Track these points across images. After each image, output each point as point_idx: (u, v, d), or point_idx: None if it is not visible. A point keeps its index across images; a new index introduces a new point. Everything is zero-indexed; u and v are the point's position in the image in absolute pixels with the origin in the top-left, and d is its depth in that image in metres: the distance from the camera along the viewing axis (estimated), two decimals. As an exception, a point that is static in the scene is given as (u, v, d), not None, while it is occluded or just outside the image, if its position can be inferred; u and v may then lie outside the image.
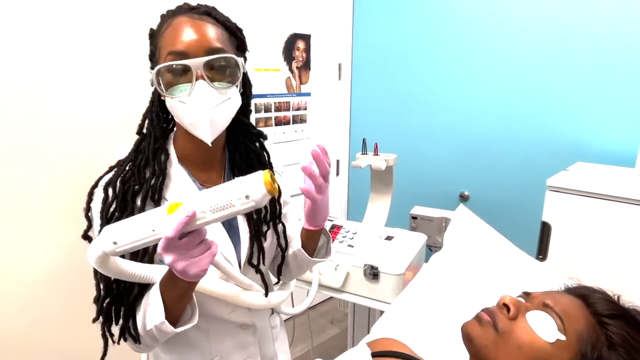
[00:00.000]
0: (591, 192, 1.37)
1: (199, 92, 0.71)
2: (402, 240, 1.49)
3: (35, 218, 1.47)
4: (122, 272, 0.65)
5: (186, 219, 0.54)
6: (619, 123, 1.74)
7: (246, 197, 0.56)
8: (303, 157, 0.92)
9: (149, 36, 0.80)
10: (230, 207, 0.56)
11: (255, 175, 0.57)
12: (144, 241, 0.57)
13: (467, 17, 2.07)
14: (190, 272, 0.58)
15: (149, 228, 0.57)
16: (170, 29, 0.73)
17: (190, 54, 0.71)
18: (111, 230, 0.58)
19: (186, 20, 0.73)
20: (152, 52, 0.79)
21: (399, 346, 0.80)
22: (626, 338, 0.62)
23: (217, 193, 0.57)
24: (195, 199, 0.57)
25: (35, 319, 1.52)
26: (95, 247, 0.58)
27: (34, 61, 1.40)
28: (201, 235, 0.59)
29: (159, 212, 0.58)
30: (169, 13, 0.77)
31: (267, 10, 2.16)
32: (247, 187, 0.56)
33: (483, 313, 0.68)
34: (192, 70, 0.71)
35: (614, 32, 1.70)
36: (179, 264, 0.57)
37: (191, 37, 0.71)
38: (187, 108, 0.72)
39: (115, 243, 0.57)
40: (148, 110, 0.82)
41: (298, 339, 2.27)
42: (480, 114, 2.10)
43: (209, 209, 0.56)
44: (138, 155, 0.79)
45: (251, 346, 0.93)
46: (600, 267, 1.36)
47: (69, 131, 1.50)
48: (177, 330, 0.69)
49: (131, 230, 0.57)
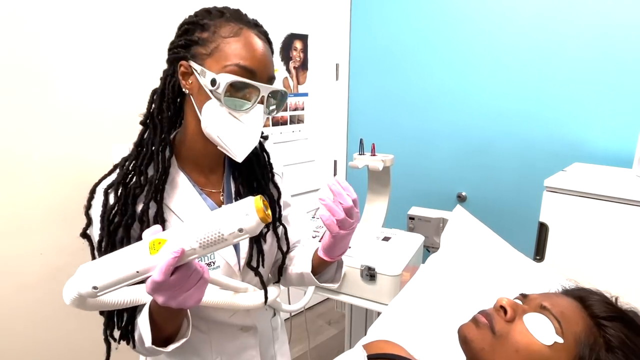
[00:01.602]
0: (588, 193, 1.36)
1: (256, 115, 0.73)
2: (399, 241, 1.48)
3: (31, 219, 1.45)
4: (104, 305, 0.63)
5: (174, 260, 0.50)
6: (616, 124, 1.74)
7: (239, 230, 0.51)
8: (300, 158, 0.91)
9: (189, 23, 0.75)
10: (221, 240, 0.52)
11: (246, 204, 0.52)
12: (127, 283, 0.53)
13: (465, 19, 2.07)
14: (186, 305, 0.56)
15: (132, 269, 0.52)
16: (241, 40, 0.73)
17: (257, 76, 0.72)
18: (89, 272, 0.53)
19: (255, 38, 0.74)
20: (194, 42, 0.73)
21: (395, 348, 0.80)
22: (624, 340, 0.61)
23: (206, 226, 0.52)
24: (182, 233, 0.52)
25: (31, 321, 1.50)
26: (72, 288, 0.55)
27: (29, 60, 1.39)
28: (190, 267, 0.54)
29: (141, 249, 0.52)
30: (228, 15, 0.75)
31: (264, 10, 2.16)
32: (238, 219, 0.51)
33: (480, 315, 0.68)
34: (259, 95, 0.72)
35: (611, 34, 1.70)
36: (172, 301, 0.54)
37: (261, 59, 0.73)
38: (235, 124, 0.72)
39: (95, 288, 0.52)
40: (158, 99, 0.77)
41: (295, 340, 2.27)
42: (478, 115, 2.10)
43: (197, 244, 0.51)
44: (141, 152, 0.76)
45: (252, 348, 0.92)
46: (597, 268, 1.36)
47: (65, 132, 1.49)
48: (168, 349, 0.68)
49: (111, 272, 0.52)
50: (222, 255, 0.81)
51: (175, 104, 0.78)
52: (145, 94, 0.81)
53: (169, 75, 0.76)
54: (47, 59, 1.42)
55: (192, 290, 0.55)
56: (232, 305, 0.80)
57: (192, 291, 0.55)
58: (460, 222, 1.33)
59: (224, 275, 0.82)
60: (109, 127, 1.59)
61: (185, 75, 0.75)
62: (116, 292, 0.62)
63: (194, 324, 0.86)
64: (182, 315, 0.69)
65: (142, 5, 1.61)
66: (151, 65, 1.63)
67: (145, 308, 0.67)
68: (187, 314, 0.71)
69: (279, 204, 0.92)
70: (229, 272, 0.83)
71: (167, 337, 0.69)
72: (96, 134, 1.56)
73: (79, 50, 1.49)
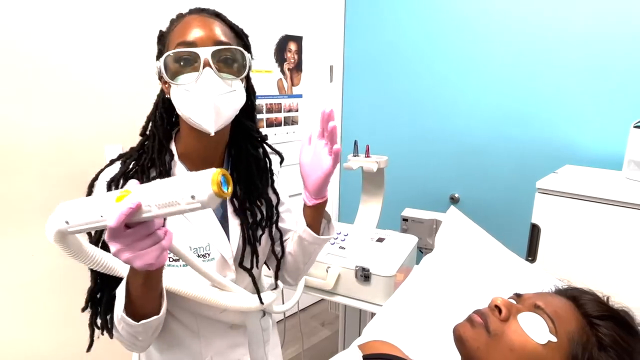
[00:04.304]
0: (579, 195, 1.38)
1: (205, 80, 0.72)
2: (393, 242, 1.49)
3: (22, 220, 1.44)
4: (84, 253, 0.63)
5: (129, 210, 0.51)
6: (607, 127, 1.77)
7: (192, 197, 0.51)
8: (294, 159, 0.92)
9: (158, 37, 0.81)
10: (175, 204, 0.52)
11: (204, 174, 0.52)
12: (93, 225, 0.55)
13: (458, 23, 2.09)
14: (134, 264, 0.55)
15: (98, 213, 0.54)
16: (180, 24, 0.76)
17: (199, 45, 0.73)
18: (65, 208, 0.56)
19: (196, 17, 0.76)
20: (160, 51, 0.79)
21: (390, 348, 0.80)
22: (616, 339, 0.63)
23: (165, 188, 0.53)
24: (145, 190, 0.53)
25: (23, 322, 1.49)
26: (50, 223, 0.57)
27: (23, 59, 1.37)
28: (149, 228, 0.55)
29: (110, 197, 0.54)
30: (179, 15, 0.80)
31: (259, 12, 2.16)
32: (193, 187, 0.51)
33: (475, 315, 0.69)
34: (200, 59, 0.72)
35: (603, 37, 1.73)
36: (123, 254, 0.54)
37: (201, 30, 0.74)
38: (192, 96, 0.73)
39: (67, 222, 0.55)
40: (152, 112, 0.83)
41: (289, 342, 2.26)
42: (471, 117, 2.12)
43: (154, 203, 0.52)
44: (142, 155, 0.80)
45: (241, 347, 0.93)
46: (589, 268, 1.38)
47: (57, 132, 1.48)
48: (138, 323, 0.67)
49: (82, 211, 0.55)
50: (217, 249, 0.82)
51: (169, 112, 0.82)
52: (137, 95, 0.82)
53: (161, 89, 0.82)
54: (40, 58, 1.41)
55: (146, 250, 0.55)
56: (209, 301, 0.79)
57: (145, 251, 0.55)
58: (454, 223, 1.34)
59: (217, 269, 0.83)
60: (101, 127, 1.58)
61: (161, 80, 0.79)
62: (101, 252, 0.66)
63: (183, 321, 0.87)
64: (156, 292, 0.68)
65: (135, 7, 1.61)
66: (144, 66, 1.62)
67: (123, 281, 0.67)
68: (162, 294, 0.70)
69: (277, 210, 0.92)
70: (224, 266, 0.84)
71: (142, 316, 0.68)
72: (88, 134, 1.55)
73: (72, 50, 1.48)
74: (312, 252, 0.92)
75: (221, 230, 0.83)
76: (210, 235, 0.82)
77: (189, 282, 0.78)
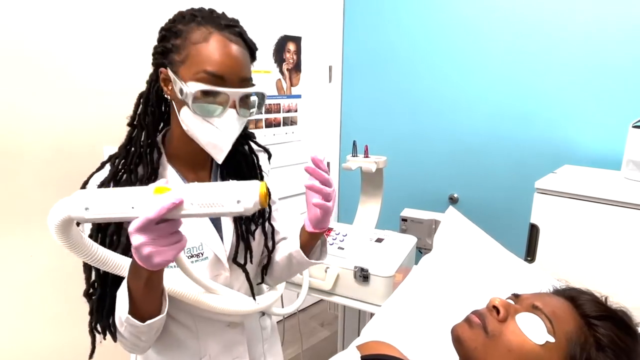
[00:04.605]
0: (578, 195, 1.38)
1: (228, 121, 0.74)
2: (392, 243, 1.49)
3: (20, 221, 1.44)
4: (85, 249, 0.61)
5: (172, 205, 0.52)
6: (605, 127, 1.77)
7: (237, 202, 0.55)
8: (293, 160, 0.92)
9: (166, 30, 0.76)
10: (219, 206, 0.55)
11: (252, 184, 0.56)
12: (119, 216, 0.54)
13: (458, 21, 2.09)
14: (154, 260, 0.55)
15: (129, 204, 0.54)
16: (208, 46, 0.72)
17: (227, 80, 0.73)
18: (85, 196, 0.54)
19: (224, 42, 0.74)
20: (168, 50, 0.75)
21: (388, 349, 0.80)
22: (614, 339, 0.62)
23: (210, 189, 0.56)
24: (185, 188, 0.55)
25: (22, 323, 1.48)
26: (61, 208, 0.54)
27: (21, 62, 1.37)
28: (176, 225, 0.56)
29: (144, 191, 0.55)
30: (200, 19, 0.75)
31: (258, 12, 2.16)
32: (242, 193, 0.55)
33: (473, 315, 0.68)
34: (229, 99, 0.73)
35: (601, 37, 1.73)
36: (146, 248, 0.54)
37: (230, 63, 0.73)
38: (210, 129, 0.74)
39: (87, 209, 0.53)
40: (143, 103, 0.80)
41: (288, 342, 2.26)
42: (470, 117, 2.12)
43: (197, 202, 0.54)
44: (130, 151, 0.78)
45: (239, 345, 0.93)
46: (587, 268, 1.38)
47: (56, 133, 1.48)
48: (144, 324, 0.67)
49: (109, 200, 0.54)
50: (210, 248, 0.82)
51: (160, 108, 0.81)
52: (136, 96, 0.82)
53: (153, 80, 0.79)
54: (39, 59, 1.41)
55: (167, 247, 0.55)
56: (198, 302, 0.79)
57: (166, 248, 0.55)
58: (452, 223, 1.34)
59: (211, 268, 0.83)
60: (100, 128, 1.57)
61: (165, 81, 0.77)
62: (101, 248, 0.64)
63: (181, 321, 0.87)
64: (157, 291, 0.68)
65: (135, 7, 1.61)
66: (142, 66, 1.62)
67: (123, 282, 0.67)
68: (163, 293, 0.70)
69: (269, 205, 0.92)
70: (217, 265, 0.84)
71: (144, 317, 0.67)
72: (87, 135, 1.55)
73: (70, 50, 1.48)
74: (299, 270, 0.93)
75: (213, 229, 0.83)
76: (203, 235, 0.82)
77: (185, 284, 0.77)
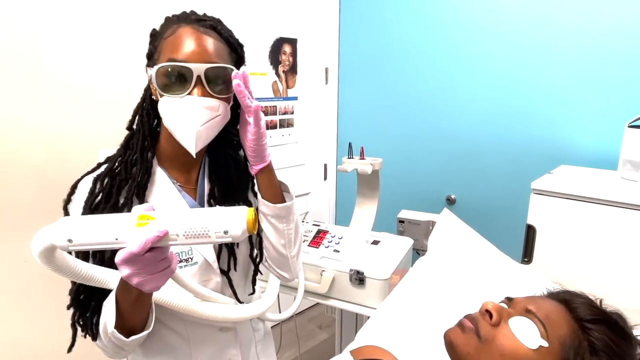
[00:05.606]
0: (575, 195, 1.38)
1: (192, 103, 0.72)
2: (388, 245, 1.48)
3: (14, 225, 1.43)
4: (70, 270, 0.61)
5: (156, 238, 0.51)
6: (602, 127, 1.76)
7: (224, 232, 0.53)
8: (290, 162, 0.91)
9: (150, 35, 0.80)
10: (205, 236, 0.53)
11: (239, 210, 0.54)
12: (103, 247, 0.53)
13: (453, 23, 2.09)
14: (145, 287, 0.55)
15: (112, 235, 0.52)
16: (174, 37, 0.74)
17: (191, 64, 0.72)
18: (68, 225, 0.53)
19: (191, 31, 0.74)
20: (151, 52, 0.78)
21: (382, 354, 0.79)
22: (608, 343, 0.62)
23: (195, 218, 0.53)
24: (170, 217, 0.53)
25: (16, 328, 1.47)
26: (44, 237, 0.53)
27: (17, 64, 1.36)
28: (164, 253, 0.55)
29: (127, 220, 0.53)
30: (175, 18, 0.77)
31: (253, 14, 2.15)
32: (228, 222, 0.53)
33: (465, 320, 0.68)
34: (190, 76, 0.71)
35: (598, 38, 1.73)
36: (135, 278, 0.54)
37: (193, 48, 0.72)
38: (178, 117, 0.73)
39: (70, 241, 0.52)
40: (139, 106, 0.82)
41: (286, 345, 2.25)
42: (466, 118, 2.11)
43: (182, 232, 0.53)
44: (127, 152, 0.80)
45: (232, 348, 0.92)
46: (584, 269, 1.37)
47: (50, 137, 1.47)
48: (129, 339, 0.67)
49: (91, 230, 0.53)
50: (200, 252, 0.82)
51: (155, 111, 0.81)
52: (132, 100, 0.84)
53: (148, 85, 0.81)
54: (34, 62, 1.40)
55: (157, 275, 0.55)
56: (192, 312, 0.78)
57: (155, 276, 0.55)
58: (447, 225, 1.33)
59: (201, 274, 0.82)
60: (95, 132, 1.57)
61: (150, 82, 0.78)
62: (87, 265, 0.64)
63: (172, 327, 0.86)
64: (146, 307, 0.68)
65: (131, 9, 1.60)
66: (139, 70, 1.61)
67: (112, 293, 0.66)
68: (151, 307, 0.70)
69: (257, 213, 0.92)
70: (207, 270, 0.84)
71: (131, 329, 0.68)
72: (82, 139, 1.54)
73: (66, 53, 1.47)
74: (283, 229, 0.85)
75: None
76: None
77: (176, 293, 0.77)
